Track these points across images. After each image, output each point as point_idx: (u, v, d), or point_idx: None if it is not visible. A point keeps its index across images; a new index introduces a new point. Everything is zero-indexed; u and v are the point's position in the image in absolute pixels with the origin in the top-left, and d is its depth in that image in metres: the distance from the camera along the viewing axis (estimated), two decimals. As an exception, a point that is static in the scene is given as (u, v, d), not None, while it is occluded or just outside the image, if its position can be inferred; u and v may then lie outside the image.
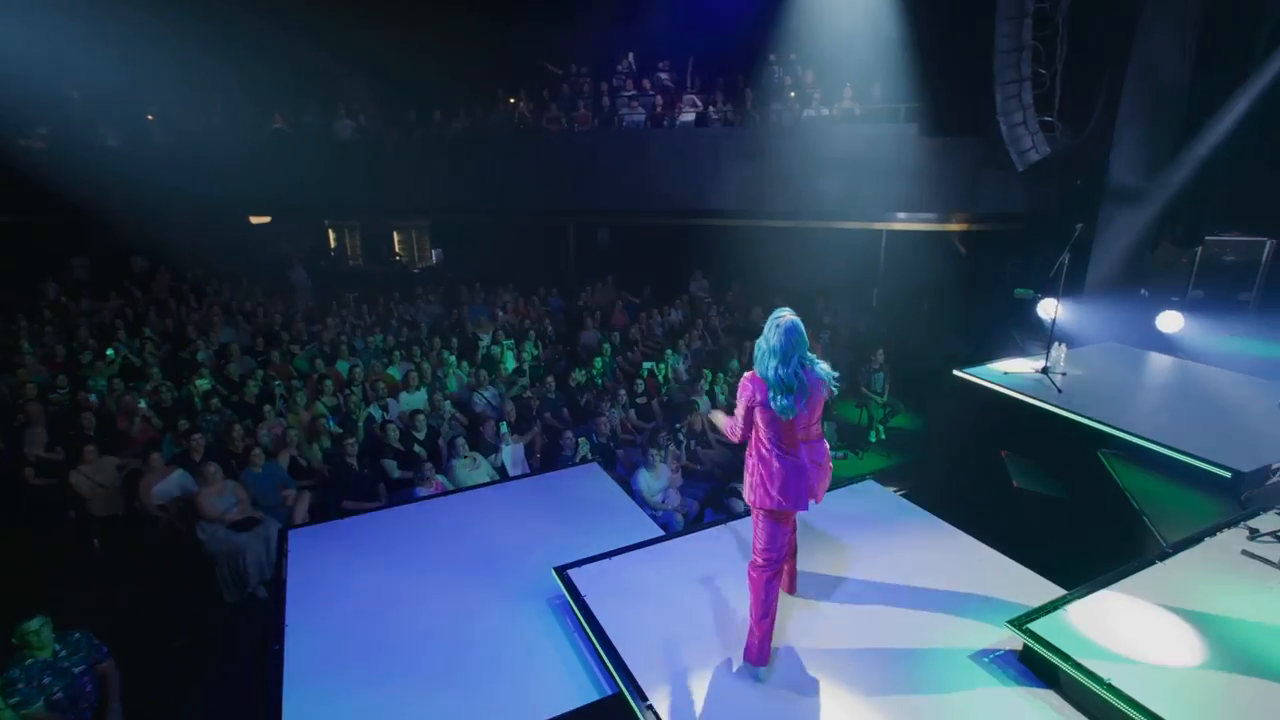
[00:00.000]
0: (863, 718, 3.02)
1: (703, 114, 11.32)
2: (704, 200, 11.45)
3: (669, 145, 11.21)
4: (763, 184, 10.98)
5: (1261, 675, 2.91)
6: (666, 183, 11.51)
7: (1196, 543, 3.86)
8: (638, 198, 11.82)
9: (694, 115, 11.36)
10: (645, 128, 11.55)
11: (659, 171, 11.48)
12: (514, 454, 7.27)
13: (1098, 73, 7.70)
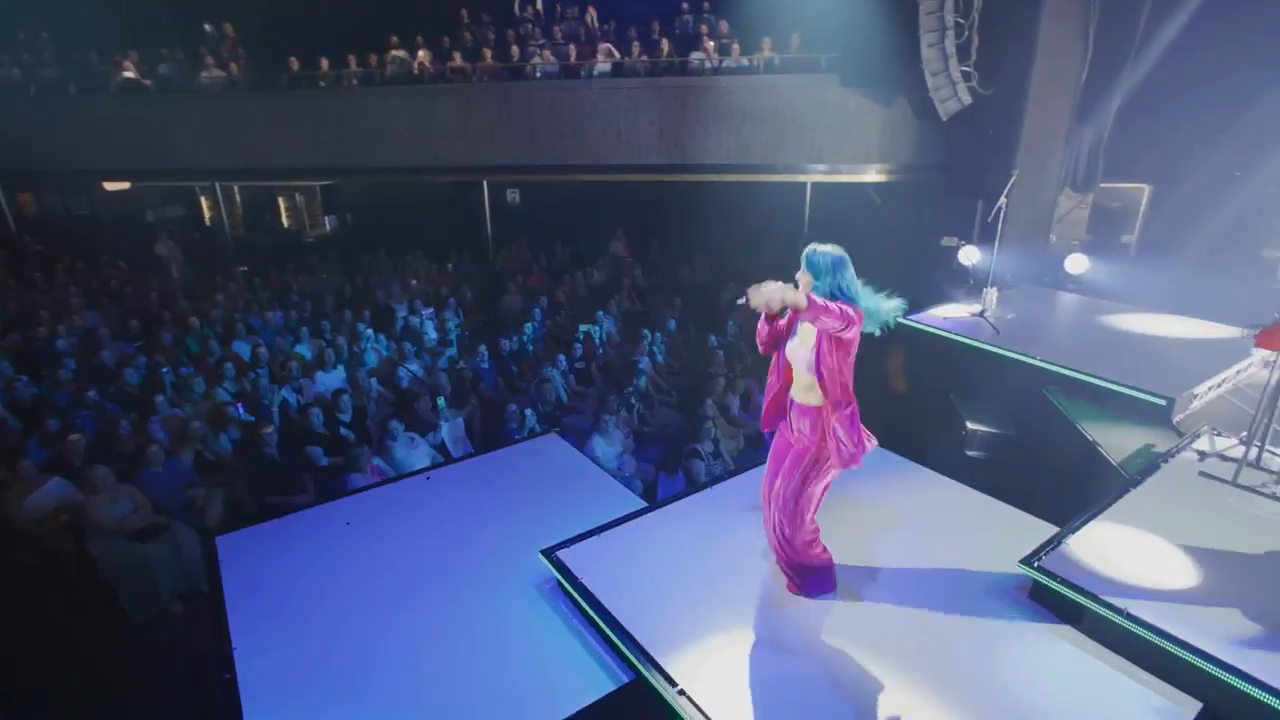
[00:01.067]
0: (891, 669, 2.94)
1: (619, 64, 10.81)
2: (623, 155, 11.00)
3: (585, 98, 10.65)
4: (682, 137, 10.67)
5: (1255, 587, 3.07)
6: (582, 137, 10.96)
7: (1156, 470, 4.06)
8: (552, 154, 11.20)
9: (610, 66, 10.83)
10: (559, 79, 10.90)
11: (575, 126, 10.90)
12: (453, 430, 6.76)
13: (1011, 24, 7.91)
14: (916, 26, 7.90)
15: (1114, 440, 4.78)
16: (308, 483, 6.29)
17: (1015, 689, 2.85)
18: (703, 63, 10.28)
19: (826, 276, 2.91)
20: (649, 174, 11.09)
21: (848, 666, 2.99)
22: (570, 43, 10.97)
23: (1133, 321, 6.88)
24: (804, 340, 3.05)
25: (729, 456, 6.48)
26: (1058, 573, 3.16)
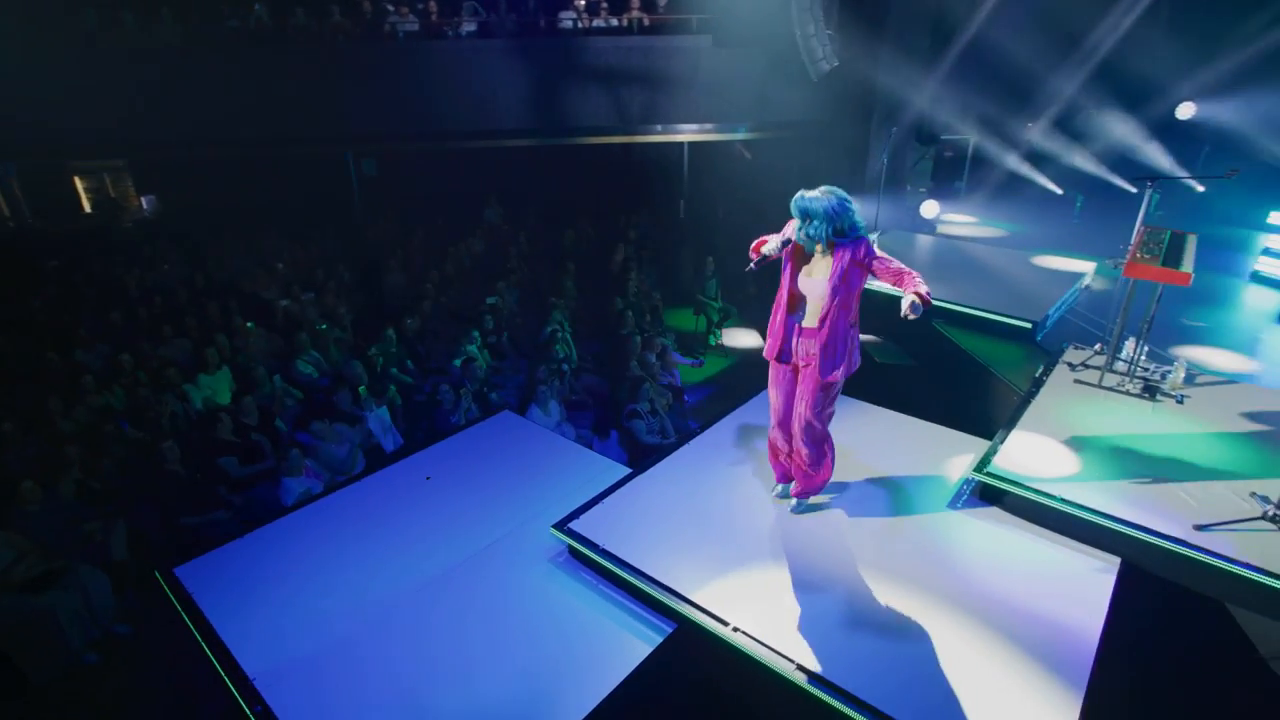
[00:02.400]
0: (887, 569, 3.43)
1: (486, 24, 10.36)
2: (496, 120, 10.65)
3: (453, 60, 10.11)
4: (555, 99, 10.52)
5: (1133, 464, 3.90)
6: (452, 102, 10.45)
7: (1042, 384, 4.91)
8: (419, 120, 10.58)
9: (476, 26, 10.35)
10: (424, 39, 10.24)
11: (443, 90, 10.35)
12: (379, 420, 6.45)
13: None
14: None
15: (1002, 361, 5.67)
16: (226, 496, 5.78)
17: (982, 566, 3.45)
18: (576, 22, 10.13)
19: (825, 222, 3.22)
20: (523, 138, 10.85)
21: (849, 569, 3.44)
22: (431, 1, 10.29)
23: (986, 255, 8.02)
24: (820, 270, 3.35)
25: (664, 413, 6.79)
26: (1005, 475, 3.81)
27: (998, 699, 2.76)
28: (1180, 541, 3.32)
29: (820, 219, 3.25)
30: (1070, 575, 3.43)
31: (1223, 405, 4.54)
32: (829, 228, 3.24)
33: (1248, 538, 3.32)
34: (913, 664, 2.93)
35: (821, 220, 3.24)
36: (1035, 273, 7.37)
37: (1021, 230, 9.62)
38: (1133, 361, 4.84)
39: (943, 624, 3.13)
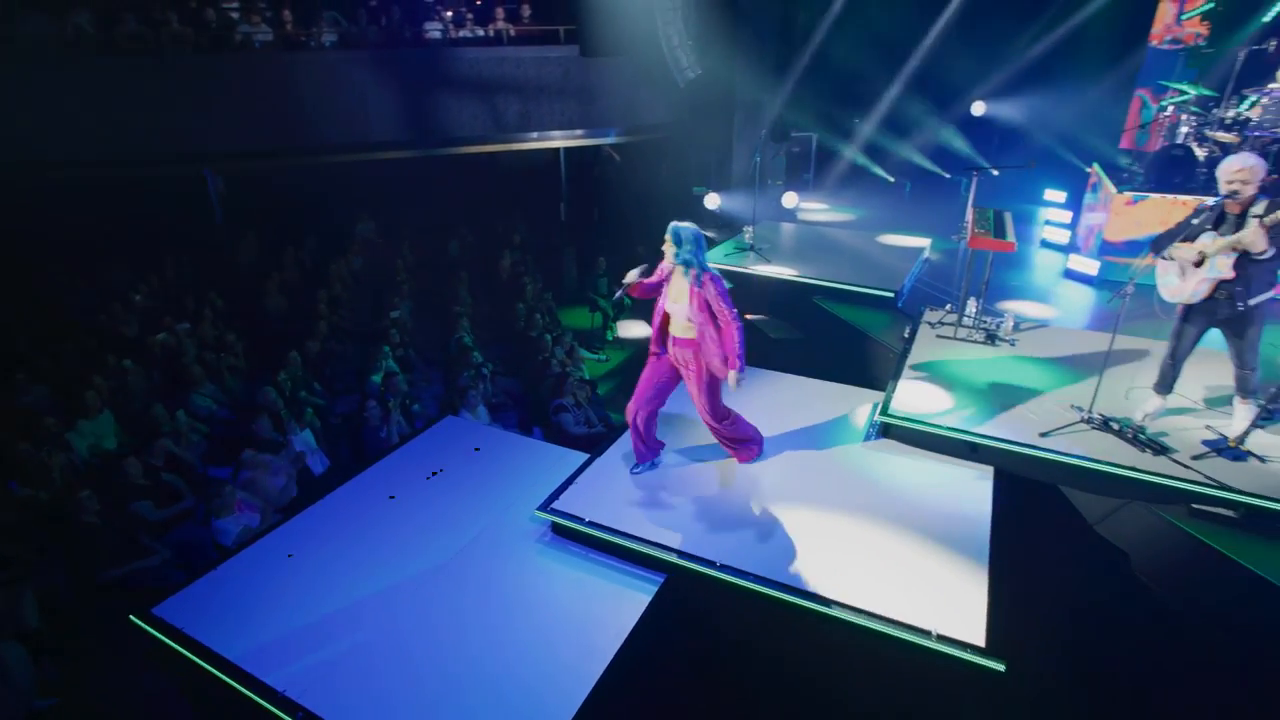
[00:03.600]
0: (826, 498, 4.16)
1: (347, 35, 10.13)
2: (363, 133, 10.44)
3: (316, 71, 9.79)
4: (427, 110, 10.52)
5: (994, 395, 4.95)
6: (313, 115, 10.09)
7: (914, 339, 5.94)
8: (279, 135, 10.12)
9: (337, 36, 10.09)
10: (278, 50, 9.82)
11: (303, 102, 9.97)
12: (305, 443, 6.35)
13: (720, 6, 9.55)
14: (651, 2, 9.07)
15: (870, 325, 6.70)
16: (149, 543, 5.47)
17: (897, 485, 4.28)
18: (444, 33, 10.20)
19: (689, 246, 3.88)
20: (396, 150, 10.73)
21: (796, 502, 4.14)
22: (287, 9, 9.88)
23: (844, 237, 9.21)
24: (678, 298, 3.99)
25: (586, 405, 7.24)
26: (901, 416, 4.70)
27: (927, 576, 3.55)
28: (1032, 446, 4.34)
29: (689, 244, 3.87)
30: (961, 483, 4.35)
31: (1041, 343, 5.78)
32: (691, 252, 3.87)
33: (1073, 437, 4.40)
34: (862, 562, 3.66)
35: (687, 245, 3.87)
36: (885, 250, 8.62)
37: (865, 214, 11.03)
38: (976, 316, 6.00)
39: (879, 530, 3.91)
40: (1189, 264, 4.02)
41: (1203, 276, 3.97)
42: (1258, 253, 3.73)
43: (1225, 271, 3.88)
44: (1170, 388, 4.48)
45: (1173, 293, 4.14)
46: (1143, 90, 10.49)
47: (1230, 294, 3.93)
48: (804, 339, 7.24)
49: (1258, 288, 3.88)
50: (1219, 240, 3.88)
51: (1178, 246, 4.06)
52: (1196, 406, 4.67)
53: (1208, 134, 7.48)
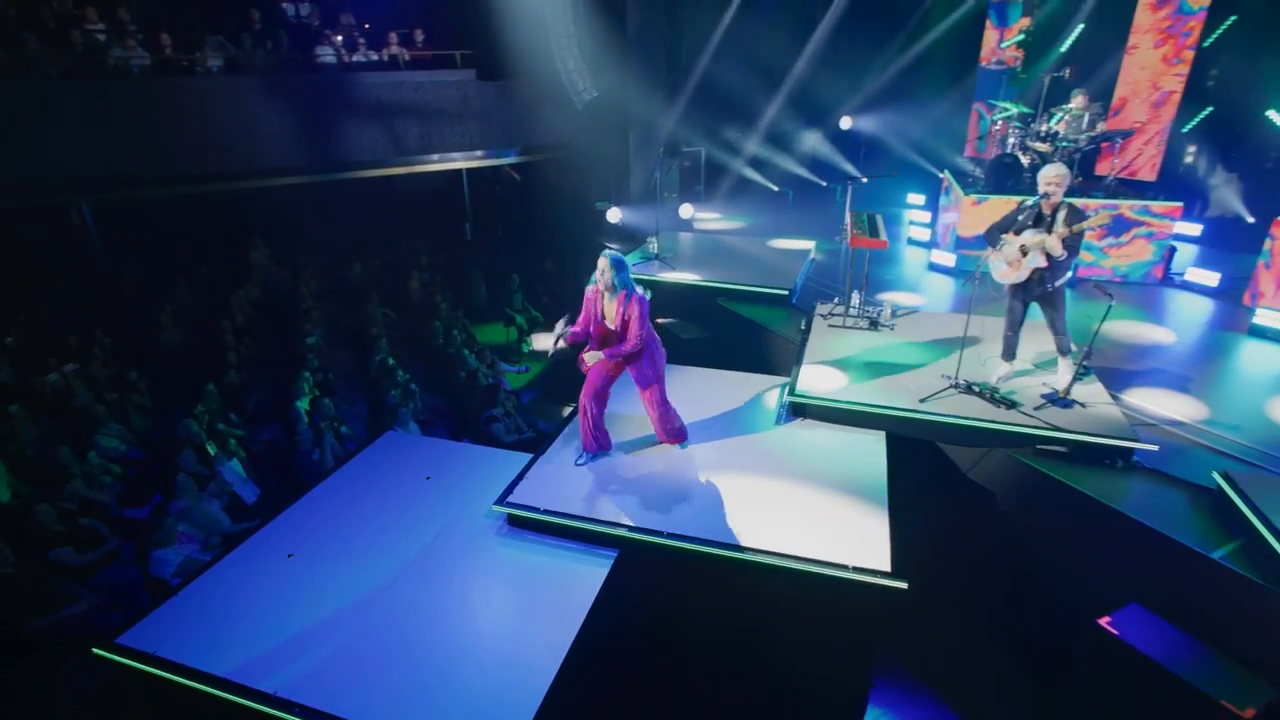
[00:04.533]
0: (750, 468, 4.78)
1: (234, 59, 9.91)
2: (256, 159, 10.21)
3: (203, 96, 9.51)
4: (324, 135, 10.46)
5: (878, 374, 5.77)
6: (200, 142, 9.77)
7: (810, 330, 6.73)
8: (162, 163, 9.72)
9: (223, 61, 9.85)
10: (158, 76, 9.46)
11: (187, 128, 9.64)
12: (234, 473, 6.29)
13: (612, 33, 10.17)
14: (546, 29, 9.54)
15: (769, 320, 7.47)
16: (73, 590, 5.30)
17: (808, 453, 4.97)
18: (340, 58, 10.20)
19: (622, 272, 4.42)
20: (291, 176, 10.56)
21: (726, 476, 4.72)
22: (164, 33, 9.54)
23: (739, 243, 10.04)
24: (610, 312, 4.55)
25: (515, 414, 7.57)
26: (806, 395, 5.41)
27: (841, 523, 4.23)
28: (914, 411, 5.16)
29: (622, 269, 4.43)
30: (860, 446, 5.10)
31: (914, 327, 6.73)
32: (621, 276, 4.43)
33: (945, 401, 5.26)
34: (787, 518, 4.28)
35: (619, 270, 4.42)
36: (776, 253, 9.50)
37: (754, 221, 11.98)
38: (860, 307, 6.88)
39: (798, 491, 4.56)
40: (1015, 255, 4.99)
41: (1024, 264, 4.95)
42: (1057, 256, 4.76)
43: (1040, 261, 4.88)
44: (1014, 355, 5.47)
45: (1003, 275, 5.12)
46: (979, 104, 12.08)
47: (1042, 277, 4.94)
48: (712, 337, 7.92)
49: (1060, 273, 4.95)
50: (1034, 239, 4.86)
51: (1006, 241, 5.03)
52: (1033, 369, 5.68)
53: (1028, 144, 8.87)
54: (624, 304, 4.46)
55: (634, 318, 4.45)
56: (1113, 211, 7.78)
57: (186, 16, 10.51)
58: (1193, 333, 6.99)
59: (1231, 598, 3.72)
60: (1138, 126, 9.58)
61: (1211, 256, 8.96)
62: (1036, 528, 4.78)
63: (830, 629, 4.17)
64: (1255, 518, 3.87)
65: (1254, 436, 4.98)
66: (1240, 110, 9.28)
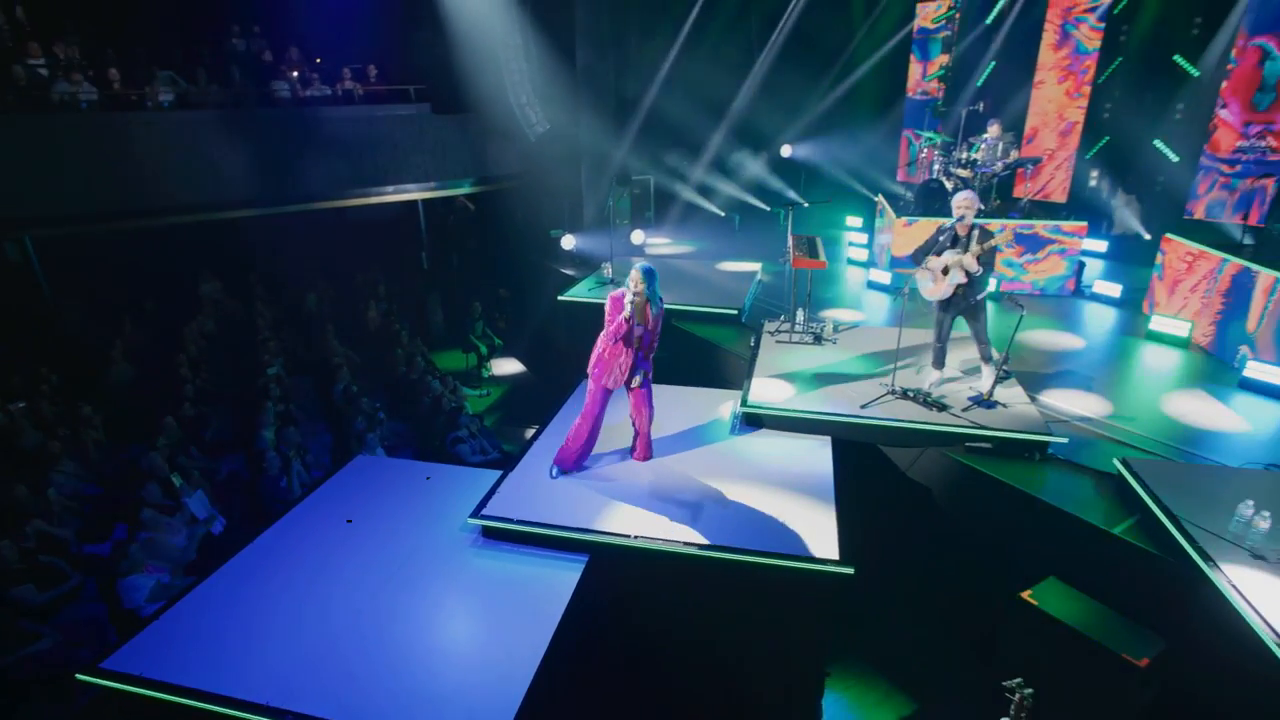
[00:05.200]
0: (709, 473, 5.14)
1: (186, 94, 9.97)
2: (209, 192, 10.22)
3: (154, 131, 9.52)
4: (278, 168, 10.55)
5: (826, 383, 6.24)
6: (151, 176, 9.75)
7: (759, 346, 7.19)
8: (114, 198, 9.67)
9: (174, 96, 9.89)
10: (107, 111, 9.45)
11: (139, 163, 9.62)
12: (201, 503, 6.32)
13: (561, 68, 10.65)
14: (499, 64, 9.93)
15: (721, 339, 7.92)
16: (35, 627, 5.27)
17: (762, 458, 5.36)
18: (295, 92, 10.36)
19: (654, 283, 4.80)
20: (248, 208, 10.62)
21: (686, 480, 5.07)
22: (113, 68, 9.55)
23: (688, 266, 10.52)
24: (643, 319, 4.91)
25: (480, 435, 7.78)
26: (758, 405, 5.83)
27: (793, 520, 4.61)
28: (856, 416, 5.63)
29: (655, 281, 4.82)
30: (809, 450, 5.52)
31: (854, 340, 7.26)
32: (652, 286, 4.82)
33: (883, 407, 5.75)
34: (744, 518, 4.65)
35: (655, 281, 4.82)
36: (724, 275, 10.01)
37: (703, 245, 12.50)
38: (804, 324, 7.39)
39: (754, 493, 4.93)
40: (938, 273, 5.55)
41: (947, 282, 5.51)
42: (974, 273, 5.34)
43: (960, 278, 5.45)
44: (943, 363, 6.01)
45: (929, 293, 5.67)
46: (908, 132, 12.97)
47: (964, 293, 5.51)
48: (669, 356, 8.25)
49: (979, 288, 5.53)
50: (954, 258, 5.43)
51: (930, 260, 5.59)
52: (961, 375, 6.24)
53: (952, 171, 9.65)
54: (654, 310, 4.91)
55: (656, 330, 4.95)
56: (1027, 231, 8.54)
57: (133, 52, 10.54)
58: (1099, 338, 7.73)
59: (1130, 566, 4.24)
60: (1048, 153, 10.52)
61: (1116, 270, 9.86)
62: (967, 517, 5.27)
63: (787, 620, 4.52)
64: (1148, 497, 4.42)
65: (1149, 428, 5.61)
66: (1132, 139, 10.29)
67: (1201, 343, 7.27)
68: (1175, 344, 7.33)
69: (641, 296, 4.83)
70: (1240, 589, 3.56)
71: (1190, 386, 6.43)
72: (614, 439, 5.66)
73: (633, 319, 4.88)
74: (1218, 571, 3.71)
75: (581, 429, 5.21)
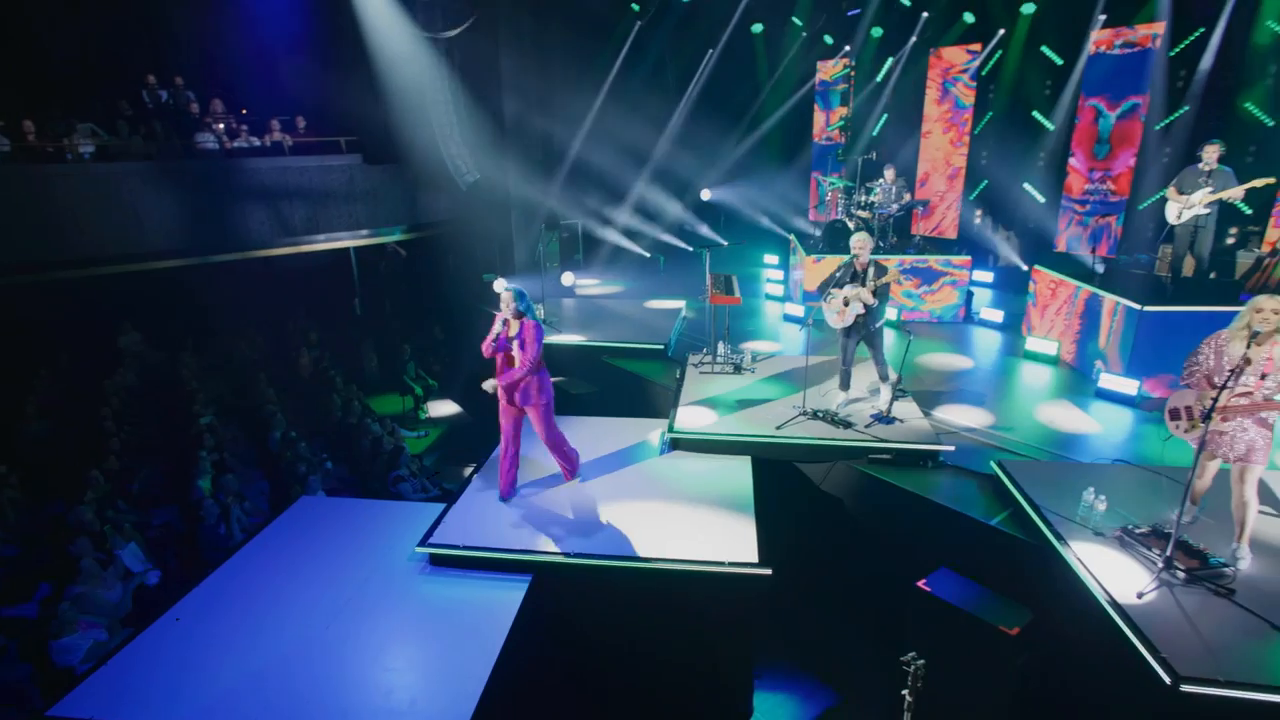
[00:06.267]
0: (639, 494, 5.57)
1: (107, 146, 9.92)
2: (131, 243, 10.14)
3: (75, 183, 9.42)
4: (204, 219, 10.57)
5: (746, 408, 6.81)
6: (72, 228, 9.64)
7: (684, 377, 7.73)
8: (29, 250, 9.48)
9: (95, 148, 9.84)
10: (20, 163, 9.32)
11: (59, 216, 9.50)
12: (135, 555, 6.27)
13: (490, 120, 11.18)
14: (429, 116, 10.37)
15: (649, 372, 8.44)
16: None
17: (687, 478, 5.84)
18: (222, 144, 10.46)
19: (525, 301, 5.22)
20: (175, 259, 10.55)
21: (617, 501, 5.48)
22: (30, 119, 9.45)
23: (613, 304, 11.07)
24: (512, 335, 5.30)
25: (420, 474, 7.97)
26: (684, 431, 6.34)
27: (718, 531, 5.08)
28: (772, 436, 6.20)
29: (523, 298, 5.24)
30: (731, 469, 6.03)
31: (771, 368, 7.91)
32: (522, 303, 5.23)
33: (796, 426, 6.35)
34: (674, 531, 5.09)
35: (520, 299, 5.23)
36: (651, 312, 10.61)
37: (630, 285, 13.12)
38: (725, 355, 8.00)
39: (681, 509, 5.38)
40: (840, 305, 6.26)
41: (849, 312, 6.23)
42: (870, 304, 6.07)
43: (859, 309, 6.17)
44: (848, 385, 6.70)
45: (834, 322, 6.37)
46: (816, 174, 14.10)
47: (864, 320, 6.23)
48: (600, 390, 8.76)
49: (876, 317, 6.26)
50: (853, 292, 6.16)
51: (833, 293, 6.30)
52: (865, 395, 6.95)
53: (853, 212, 10.64)
54: (521, 328, 5.16)
55: (530, 340, 5.13)
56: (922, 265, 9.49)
57: (48, 105, 10.44)
58: (985, 359, 8.67)
59: (1004, 551, 4.91)
60: (939, 195, 11.72)
61: (1000, 298, 11.01)
62: (871, 520, 5.89)
63: (717, 623, 4.96)
64: (1017, 492, 5.13)
65: (1023, 434, 6.43)
66: (1007, 182, 11.61)
67: (1067, 359, 8.29)
68: (1046, 361, 8.33)
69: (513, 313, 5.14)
70: (1084, 561, 4.24)
71: (1057, 397, 7.36)
72: (551, 465, 6.01)
73: (504, 333, 5.20)
74: (1067, 548, 4.39)
75: (502, 452, 5.54)
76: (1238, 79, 8.81)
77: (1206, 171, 6.93)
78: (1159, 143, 9.58)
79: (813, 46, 13.50)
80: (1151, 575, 4.04)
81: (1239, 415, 3.93)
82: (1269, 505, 4.76)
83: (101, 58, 11.22)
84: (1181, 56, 9.33)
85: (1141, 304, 7.03)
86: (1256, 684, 3.32)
